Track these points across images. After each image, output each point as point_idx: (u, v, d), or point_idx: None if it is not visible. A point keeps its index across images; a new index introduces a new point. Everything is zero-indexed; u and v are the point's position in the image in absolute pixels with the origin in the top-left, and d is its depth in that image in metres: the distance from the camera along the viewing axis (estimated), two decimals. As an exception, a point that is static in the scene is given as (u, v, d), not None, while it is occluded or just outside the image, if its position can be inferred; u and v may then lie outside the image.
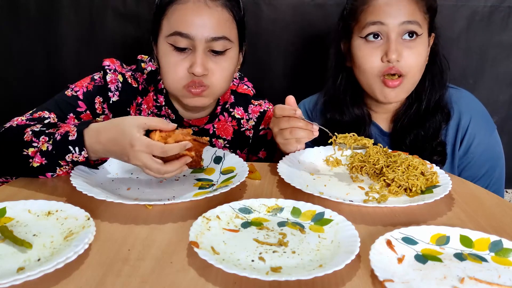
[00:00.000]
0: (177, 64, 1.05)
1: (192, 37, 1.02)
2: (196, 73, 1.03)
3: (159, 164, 0.83)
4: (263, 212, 0.81)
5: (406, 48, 1.10)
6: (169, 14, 1.05)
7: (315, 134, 0.99)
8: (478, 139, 1.17)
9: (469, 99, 1.21)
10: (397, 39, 1.09)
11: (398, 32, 1.09)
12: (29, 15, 1.57)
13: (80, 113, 1.09)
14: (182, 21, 1.03)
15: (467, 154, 1.18)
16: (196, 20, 1.02)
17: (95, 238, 0.71)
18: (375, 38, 1.11)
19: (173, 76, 1.06)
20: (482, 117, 1.20)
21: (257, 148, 1.29)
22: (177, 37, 1.03)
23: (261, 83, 1.49)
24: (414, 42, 1.10)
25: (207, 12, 1.03)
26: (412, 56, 1.10)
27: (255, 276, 0.60)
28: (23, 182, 0.92)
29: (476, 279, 0.63)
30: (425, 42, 1.13)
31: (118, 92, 1.12)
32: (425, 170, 0.95)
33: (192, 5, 1.03)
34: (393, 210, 0.85)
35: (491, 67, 1.55)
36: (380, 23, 1.09)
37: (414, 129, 1.17)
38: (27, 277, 0.60)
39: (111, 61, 1.15)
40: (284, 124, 0.99)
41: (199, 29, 1.02)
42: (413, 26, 1.09)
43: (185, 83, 1.05)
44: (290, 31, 1.55)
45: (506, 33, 1.51)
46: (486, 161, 1.18)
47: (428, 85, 1.17)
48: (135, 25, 1.56)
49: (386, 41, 1.10)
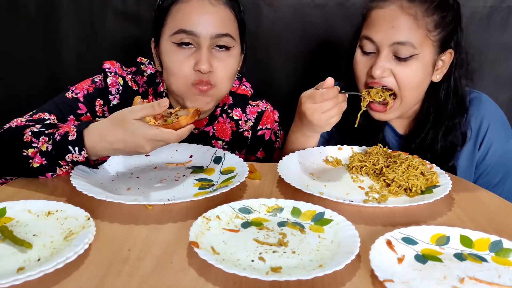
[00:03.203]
0: (182, 62, 1.05)
1: (197, 34, 1.03)
2: (202, 70, 1.03)
3: (173, 136, 0.86)
4: (263, 212, 0.81)
5: (397, 67, 1.06)
6: (173, 14, 1.05)
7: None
8: (495, 146, 1.15)
9: (489, 104, 1.18)
10: (387, 57, 1.06)
11: (388, 50, 1.06)
12: (29, 15, 1.57)
13: (80, 115, 1.09)
14: (187, 19, 1.03)
15: (484, 161, 1.16)
16: (200, 18, 1.03)
17: (95, 238, 0.71)
18: (368, 53, 1.10)
19: (179, 75, 1.06)
20: (500, 123, 1.18)
21: (256, 149, 1.29)
22: (182, 34, 1.03)
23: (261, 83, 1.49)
24: (407, 62, 1.06)
25: (211, 10, 1.04)
26: (404, 75, 1.06)
27: (255, 276, 0.60)
28: (23, 182, 0.92)
29: (476, 279, 0.63)
30: (423, 61, 1.07)
31: (119, 95, 1.12)
32: (425, 170, 0.95)
33: (196, 3, 1.04)
34: (393, 210, 0.85)
35: (491, 67, 1.55)
36: (371, 39, 1.07)
37: (424, 151, 1.13)
38: (27, 277, 0.60)
39: (112, 64, 1.14)
40: (330, 104, 0.97)
41: (204, 26, 1.03)
42: (405, 48, 1.04)
43: (191, 81, 1.05)
44: (290, 31, 1.55)
45: (506, 34, 1.51)
46: (501, 168, 1.16)
47: (442, 104, 1.14)
48: (135, 25, 1.56)
49: (377, 55, 1.08)
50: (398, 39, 1.04)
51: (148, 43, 1.16)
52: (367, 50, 1.09)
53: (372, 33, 1.07)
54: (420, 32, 1.05)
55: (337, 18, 1.51)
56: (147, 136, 0.84)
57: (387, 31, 1.05)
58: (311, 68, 1.57)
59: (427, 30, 1.06)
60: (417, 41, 1.05)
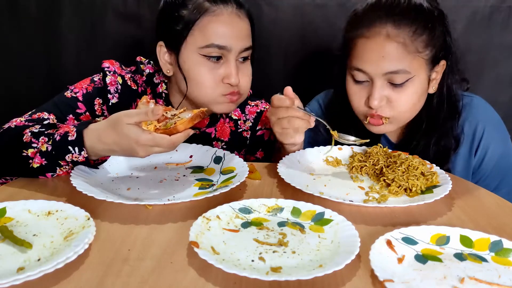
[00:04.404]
0: (211, 75, 1.07)
1: (229, 48, 1.06)
2: (233, 84, 1.07)
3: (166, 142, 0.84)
4: (263, 212, 0.81)
5: (393, 93, 1.04)
6: (202, 25, 1.06)
7: (312, 124, 0.99)
8: (492, 151, 1.13)
9: (482, 108, 1.16)
10: (382, 85, 1.04)
11: (383, 79, 1.03)
12: (29, 15, 1.57)
13: (80, 114, 1.09)
14: (219, 33, 1.05)
15: (481, 166, 1.14)
16: (231, 32, 1.06)
17: (95, 238, 0.71)
18: (361, 82, 1.07)
19: (208, 86, 1.08)
20: (496, 126, 1.15)
21: (255, 149, 1.29)
22: (214, 48, 1.05)
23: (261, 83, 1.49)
24: (403, 87, 1.04)
25: (240, 24, 1.08)
26: (401, 101, 1.05)
27: (255, 276, 0.60)
28: (23, 182, 0.92)
29: (476, 279, 0.63)
30: (419, 81, 1.05)
31: (118, 94, 1.12)
32: (425, 170, 0.95)
33: (228, 17, 1.06)
34: (393, 210, 0.84)
35: (491, 68, 1.54)
36: (362, 71, 1.04)
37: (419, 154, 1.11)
38: (27, 277, 0.60)
39: (111, 63, 1.14)
40: (282, 114, 0.98)
41: (234, 40, 1.06)
42: (399, 76, 1.02)
43: (221, 92, 1.08)
44: (291, 31, 1.55)
45: (506, 34, 1.51)
46: (499, 172, 1.14)
47: (435, 112, 1.12)
48: (135, 25, 1.56)
49: (371, 85, 1.05)
50: (390, 68, 1.01)
51: (148, 43, 1.16)
52: (359, 79, 1.07)
53: (362, 65, 1.04)
54: (412, 56, 1.02)
55: (337, 18, 1.50)
56: (139, 141, 0.83)
57: (377, 62, 1.02)
58: (311, 68, 1.56)
59: (418, 52, 1.02)
60: (410, 66, 1.02)
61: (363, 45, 1.04)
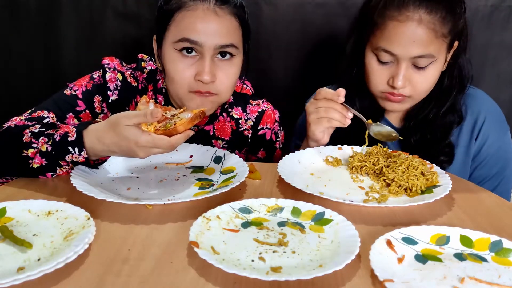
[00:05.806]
0: (184, 70, 1.06)
1: (200, 44, 1.03)
2: (204, 81, 1.04)
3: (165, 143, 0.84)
4: (263, 212, 0.81)
5: (415, 75, 1.08)
6: (177, 20, 1.05)
7: (348, 122, 1.01)
8: (491, 139, 1.17)
9: (485, 99, 1.20)
10: (407, 67, 1.07)
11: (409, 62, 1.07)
12: (29, 15, 1.57)
13: (79, 112, 1.09)
14: (191, 28, 1.04)
15: (480, 153, 1.18)
16: (205, 28, 1.03)
17: (95, 238, 0.71)
18: (385, 62, 1.09)
19: (180, 82, 1.07)
20: (496, 117, 1.19)
21: (256, 148, 1.29)
22: (185, 43, 1.04)
23: (261, 82, 1.49)
24: (425, 69, 1.08)
25: (216, 20, 1.04)
26: (421, 82, 1.09)
27: (255, 276, 0.60)
28: (23, 182, 0.92)
29: (476, 279, 0.63)
30: (439, 63, 1.10)
31: (117, 91, 1.12)
32: (425, 170, 0.95)
33: (202, 12, 1.04)
34: (393, 210, 0.84)
35: (492, 66, 1.54)
36: (390, 53, 1.07)
37: (423, 129, 1.17)
38: (27, 277, 0.60)
39: (111, 60, 1.14)
40: (322, 104, 1.01)
41: (208, 36, 1.03)
42: (424, 59, 1.06)
43: (191, 89, 1.07)
44: (291, 30, 1.55)
45: (506, 33, 1.51)
46: (498, 161, 1.18)
47: (446, 89, 1.16)
48: (135, 25, 1.56)
49: (396, 66, 1.08)
50: (419, 53, 1.05)
51: (148, 43, 1.16)
52: (385, 60, 1.09)
53: (391, 47, 1.06)
54: (438, 41, 1.06)
55: (338, 17, 1.51)
56: (139, 142, 0.83)
57: (407, 47, 1.05)
58: (312, 67, 1.56)
59: (444, 37, 1.07)
60: (435, 50, 1.06)
61: (394, 28, 1.05)
